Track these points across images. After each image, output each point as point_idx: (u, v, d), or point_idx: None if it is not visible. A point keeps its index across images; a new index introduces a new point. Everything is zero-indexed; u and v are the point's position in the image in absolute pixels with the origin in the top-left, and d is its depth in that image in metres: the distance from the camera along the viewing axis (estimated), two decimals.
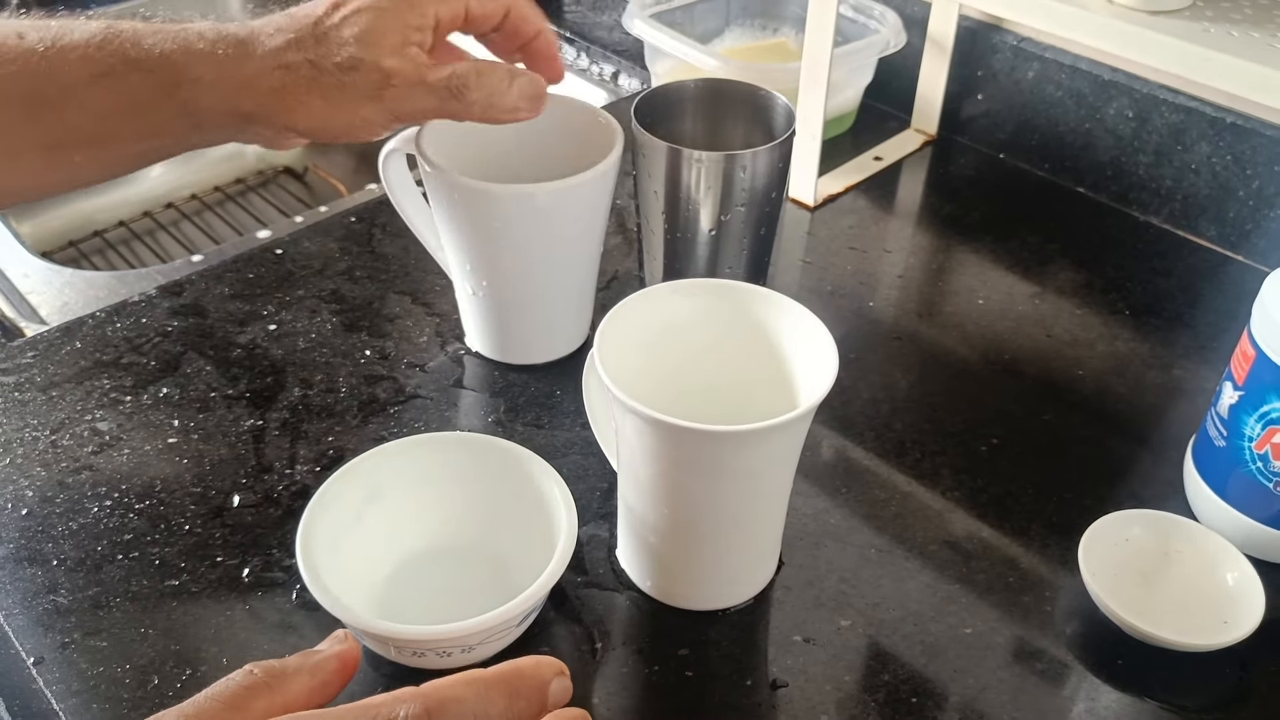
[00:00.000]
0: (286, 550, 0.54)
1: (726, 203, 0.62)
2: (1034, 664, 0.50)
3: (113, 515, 0.56)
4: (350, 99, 0.52)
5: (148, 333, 0.67)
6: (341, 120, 0.53)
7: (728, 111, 0.67)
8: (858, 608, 0.52)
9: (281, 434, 0.61)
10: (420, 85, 0.52)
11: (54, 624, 0.50)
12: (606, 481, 0.58)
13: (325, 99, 0.52)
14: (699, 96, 0.67)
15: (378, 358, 0.66)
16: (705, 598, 0.52)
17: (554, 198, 0.58)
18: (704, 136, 0.68)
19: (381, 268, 0.73)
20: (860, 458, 0.61)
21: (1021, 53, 0.84)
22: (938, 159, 0.89)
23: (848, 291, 0.73)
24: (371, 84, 0.52)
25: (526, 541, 0.51)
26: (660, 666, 0.50)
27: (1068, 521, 0.57)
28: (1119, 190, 0.82)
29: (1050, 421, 0.63)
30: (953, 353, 0.68)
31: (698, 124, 0.68)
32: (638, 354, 0.50)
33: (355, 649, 0.38)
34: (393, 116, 0.54)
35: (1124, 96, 0.79)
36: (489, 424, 0.62)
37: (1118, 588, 0.52)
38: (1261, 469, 0.52)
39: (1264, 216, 0.75)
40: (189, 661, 0.49)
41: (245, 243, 0.77)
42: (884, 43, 0.85)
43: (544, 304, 0.64)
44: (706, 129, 0.68)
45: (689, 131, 0.67)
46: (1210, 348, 0.69)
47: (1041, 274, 0.75)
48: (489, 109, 0.54)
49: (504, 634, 0.47)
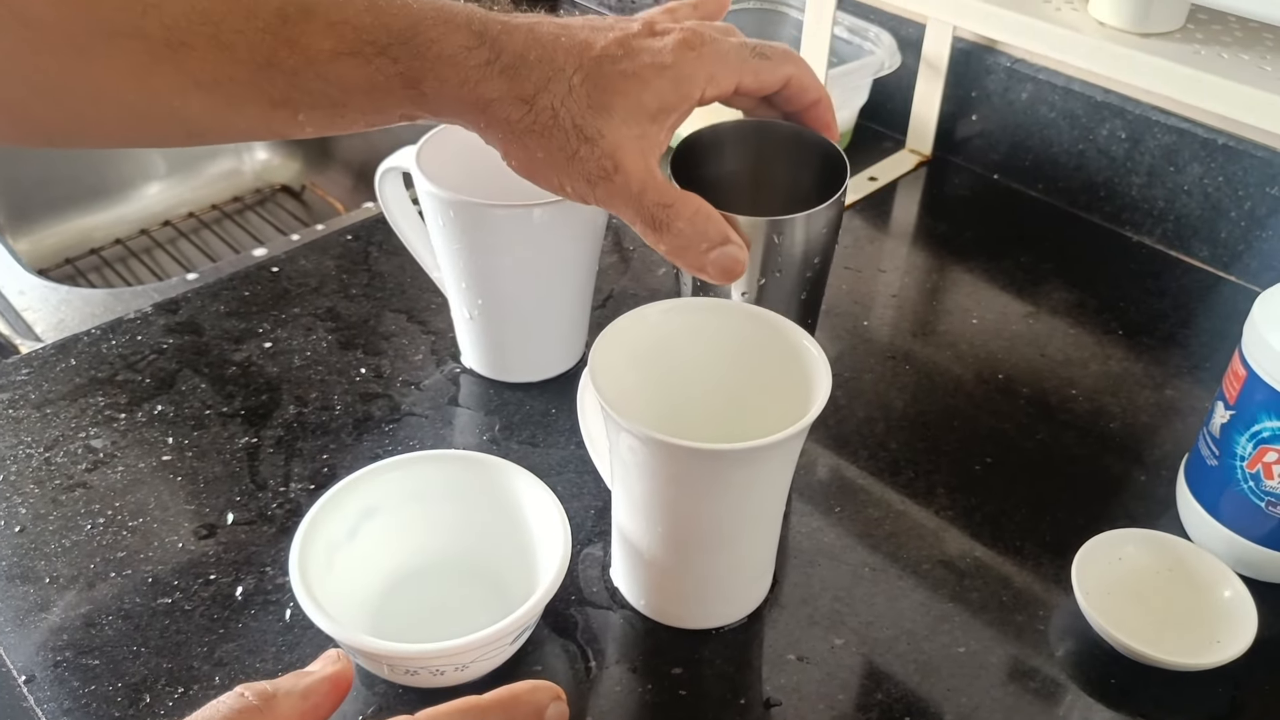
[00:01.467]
0: (280, 568, 0.54)
1: (765, 269, 0.55)
2: (1027, 683, 0.50)
3: (106, 532, 0.56)
4: (566, 169, 0.48)
5: (143, 350, 0.67)
6: (551, 180, 0.49)
7: (773, 156, 0.60)
8: (851, 626, 0.52)
9: (276, 452, 0.61)
10: (635, 197, 0.48)
11: (46, 641, 0.50)
12: (601, 500, 0.58)
13: (547, 153, 0.47)
14: (740, 139, 0.59)
15: (373, 376, 0.66)
16: (699, 616, 0.52)
17: (550, 216, 0.58)
18: (745, 187, 0.60)
19: (378, 286, 0.74)
20: (854, 476, 0.61)
21: (1015, 74, 0.85)
22: (932, 179, 0.89)
23: (843, 310, 0.73)
24: (596, 166, 0.47)
25: (520, 559, 0.51)
26: (654, 685, 0.50)
27: (1061, 540, 0.57)
28: (1112, 210, 0.83)
29: (1044, 440, 0.63)
30: (947, 372, 0.68)
31: (740, 170, 0.60)
32: (632, 372, 0.50)
33: (347, 670, 0.38)
34: (587, 200, 0.49)
35: (1117, 118, 0.80)
36: (484, 442, 0.62)
37: (1111, 607, 0.52)
38: (1253, 488, 0.53)
39: (1255, 237, 0.75)
40: (181, 680, 0.49)
41: (241, 261, 0.77)
42: (879, 64, 0.86)
43: (539, 322, 0.64)
44: (749, 178, 0.60)
45: (728, 181, 0.60)
46: (1202, 367, 0.69)
47: (1035, 294, 0.75)
48: (682, 252, 0.49)
49: (497, 652, 0.47)
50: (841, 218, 0.58)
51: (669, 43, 0.47)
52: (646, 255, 0.78)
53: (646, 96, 0.47)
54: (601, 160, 0.47)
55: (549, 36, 0.47)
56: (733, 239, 0.49)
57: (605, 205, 0.49)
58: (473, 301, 0.62)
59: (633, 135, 0.47)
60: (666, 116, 0.48)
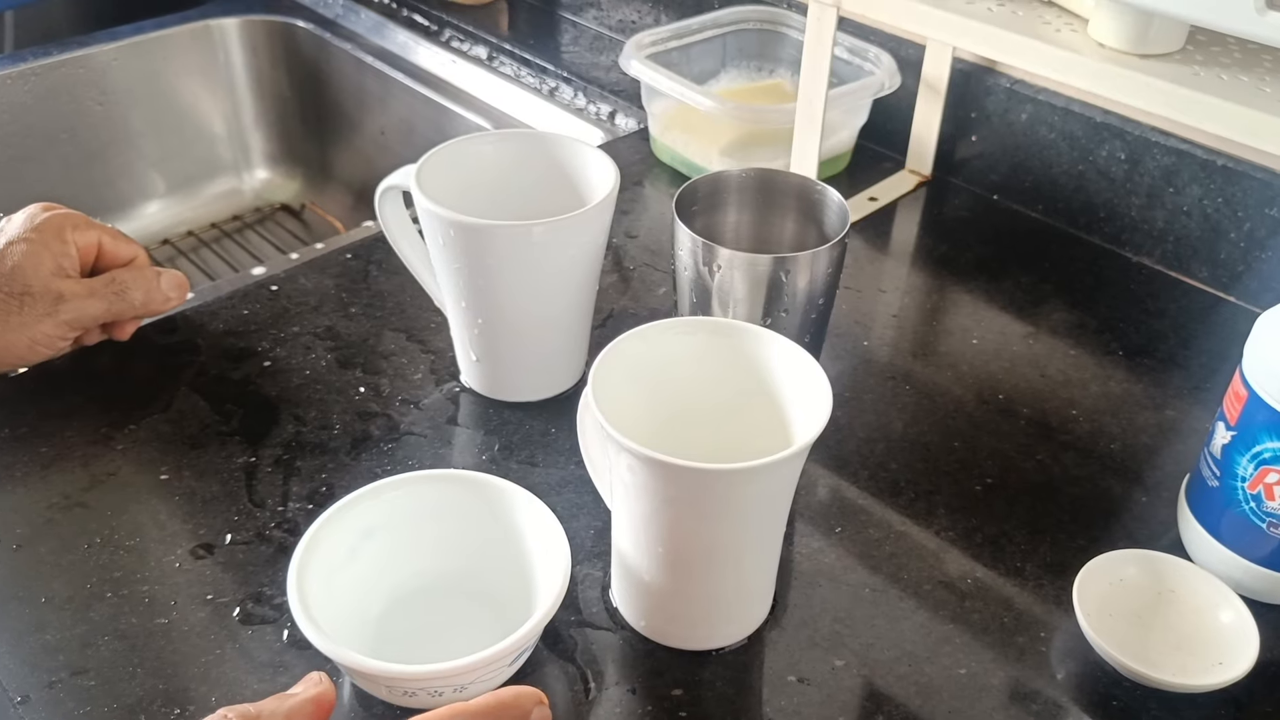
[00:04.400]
0: (278, 588, 0.54)
1: (769, 307, 0.57)
2: (1029, 705, 0.50)
3: (103, 552, 0.55)
4: (28, 320, 0.61)
5: (141, 368, 0.67)
6: (23, 340, 0.61)
7: (776, 205, 0.63)
8: (852, 648, 0.52)
9: (274, 471, 0.60)
10: (89, 297, 0.63)
11: (40, 662, 0.50)
12: (601, 520, 0.58)
13: (4, 323, 0.60)
14: (745, 187, 0.63)
15: (372, 395, 0.66)
16: (699, 637, 0.52)
17: (549, 235, 0.58)
18: (749, 233, 0.64)
19: (377, 305, 0.74)
20: (854, 497, 0.61)
21: (1015, 95, 0.85)
22: (932, 200, 0.89)
23: (843, 330, 0.73)
24: (46, 304, 0.61)
25: (520, 580, 0.50)
26: (653, 707, 0.49)
27: (1062, 561, 0.56)
28: (1112, 232, 0.83)
29: (1044, 461, 0.63)
30: (947, 392, 0.68)
31: (743, 218, 0.64)
32: (633, 392, 0.50)
33: (330, 692, 0.38)
34: (70, 328, 0.63)
35: (1116, 139, 0.80)
36: (483, 462, 0.62)
37: (1112, 628, 0.52)
38: (1255, 509, 0.52)
39: (1255, 258, 0.75)
40: (177, 700, 0.49)
41: (240, 279, 0.77)
42: (879, 84, 0.86)
43: (539, 341, 0.64)
44: (753, 224, 0.64)
45: (733, 226, 0.63)
46: (1203, 388, 0.69)
47: (1035, 314, 0.75)
48: (149, 303, 0.66)
49: (496, 673, 0.47)
50: (844, 261, 0.60)
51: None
52: (646, 275, 0.78)
53: (38, 250, 0.62)
54: (42, 297, 0.61)
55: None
56: (166, 271, 0.68)
57: (77, 321, 0.63)
58: (472, 320, 0.62)
59: (46, 273, 0.62)
60: (62, 260, 0.63)
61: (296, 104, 1.27)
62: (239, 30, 1.23)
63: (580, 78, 1.06)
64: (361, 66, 1.17)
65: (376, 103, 1.17)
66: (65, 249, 0.63)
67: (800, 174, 0.63)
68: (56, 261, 0.62)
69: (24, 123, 1.10)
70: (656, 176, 0.91)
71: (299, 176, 1.30)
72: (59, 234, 0.63)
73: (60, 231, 0.63)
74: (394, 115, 1.16)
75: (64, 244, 0.63)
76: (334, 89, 1.22)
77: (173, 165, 1.23)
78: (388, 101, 1.16)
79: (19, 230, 0.62)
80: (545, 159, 0.65)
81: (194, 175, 1.25)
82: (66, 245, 0.63)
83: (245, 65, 1.25)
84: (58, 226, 0.63)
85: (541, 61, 1.09)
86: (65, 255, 0.63)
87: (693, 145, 0.89)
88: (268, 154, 1.29)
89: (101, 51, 1.14)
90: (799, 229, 0.64)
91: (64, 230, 0.63)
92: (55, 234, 0.63)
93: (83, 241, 0.64)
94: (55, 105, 1.12)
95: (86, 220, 0.65)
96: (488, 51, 1.13)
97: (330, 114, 1.24)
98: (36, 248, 0.62)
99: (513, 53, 1.11)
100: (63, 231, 0.63)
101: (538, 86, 1.08)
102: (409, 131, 1.15)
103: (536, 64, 1.09)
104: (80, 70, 1.13)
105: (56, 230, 0.63)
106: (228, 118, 1.26)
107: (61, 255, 0.63)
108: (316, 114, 1.25)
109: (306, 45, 1.23)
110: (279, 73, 1.26)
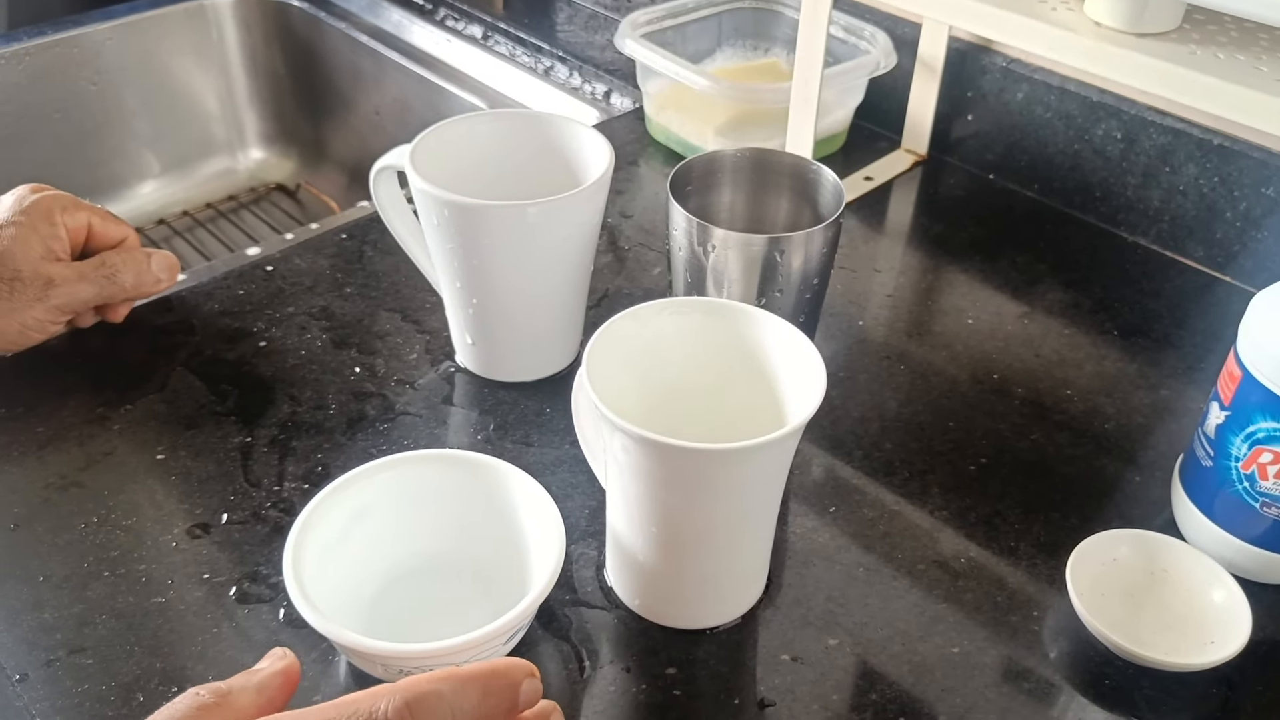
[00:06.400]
0: (274, 567, 0.54)
1: (764, 287, 0.57)
2: (1021, 683, 0.50)
3: (99, 531, 0.56)
4: (19, 305, 0.61)
5: (136, 348, 0.67)
6: (13, 325, 0.61)
7: (771, 185, 0.63)
8: (845, 627, 0.52)
9: (270, 451, 0.60)
10: (79, 281, 0.63)
11: (38, 640, 0.50)
12: (595, 499, 0.58)
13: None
14: (740, 167, 0.63)
15: (367, 375, 0.66)
16: (693, 616, 0.52)
17: (544, 215, 0.58)
18: (744, 213, 0.63)
19: (372, 285, 0.73)
20: (849, 476, 0.61)
21: (1011, 74, 0.85)
22: (927, 179, 0.89)
23: (837, 310, 0.73)
24: (37, 289, 0.61)
25: (514, 559, 0.51)
26: (647, 685, 0.50)
27: (1055, 541, 0.57)
28: (1107, 211, 0.83)
29: (1038, 441, 0.63)
30: (942, 372, 0.68)
31: (738, 198, 0.64)
32: (627, 372, 0.50)
33: (295, 664, 0.39)
34: (61, 312, 0.63)
35: (1112, 118, 0.80)
36: (478, 441, 0.62)
37: (1105, 607, 0.52)
38: (1248, 489, 0.53)
39: (1250, 238, 0.75)
40: (174, 679, 0.49)
41: (236, 259, 0.77)
42: (874, 64, 0.86)
43: (534, 322, 0.64)
44: (748, 204, 0.63)
45: (728, 206, 0.63)
46: (1197, 368, 0.69)
47: (1030, 294, 0.75)
48: (140, 285, 0.66)
49: (491, 652, 0.47)
50: (839, 240, 0.60)
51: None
52: (641, 255, 0.78)
53: (27, 234, 0.62)
54: (33, 281, 0.62)
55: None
56: (156, 252, 0.68)
57: (68, 305, 0.63)
58: (467, 300, 0.62)
59: (36, 258, 0.62)
60: (52, 244, 0.63)
61: (291, 83, 1.26)
62: (233, 9, 1.22)
63: (575, 57, 1.05)
64: (356, 45, 1.16)
65: (371, 82, 1.17)
66: (54, 231, 0.63)
67: (795, 153, 0.63)
68: (46, 245, 0.62)
69: (18, 103, 1.10)
70: (651, 156, 0.91)
71: (294, 156, 1.29)
72: (48, 216, 0.63)
73: (49, 214, 0.63)
74: (389, 95, 1.16)
75: (53, 226, 0.63)
76: (328, 68, 1.21)
77: (167, 145, 1.22)
78: (382, 81, 1.15)
79: (7, 213, 0.62)
80: (540, 139, 0.65)
81: (188, 155, 1.24)
82: (56, 228, 0.63)
83: (239, 44, 1.24)
84: (46, 209, 0.63)
85: (536, 40, 1.08)
86: (55, 238, 0.63)
87: (688, 125, 0.88)
88: (262, 134, 1.29)
89: (95, 31, 1.13)
90: (794, 209, 0.64)
91: (53, 212, 0.63)
92: (44, 217, 0.63)
93: (72, 224, 0.64)
94: (49, 85, 1.11)
95: (75, 201, 0.65)
96: (482, 30, 1.13)
97: (325, 93, 1.23)
98: (25, 231, 0.62)
99: (507, 31, 1.11)
100: (51, 214, 0.63)
101: (533, 66, 1.08)
102: (404, 111, 1.14)
103: (531, 43, 1.09)
104: (74, 50, 1.12)
105: (45, 213, 0.63)
106: (222, 97, 1.25)
107: (51, 238, 0.63)
108: (311, 93, 1.25)
109: (301, 24, 1.22)
110: (273, 52, 1.25)
